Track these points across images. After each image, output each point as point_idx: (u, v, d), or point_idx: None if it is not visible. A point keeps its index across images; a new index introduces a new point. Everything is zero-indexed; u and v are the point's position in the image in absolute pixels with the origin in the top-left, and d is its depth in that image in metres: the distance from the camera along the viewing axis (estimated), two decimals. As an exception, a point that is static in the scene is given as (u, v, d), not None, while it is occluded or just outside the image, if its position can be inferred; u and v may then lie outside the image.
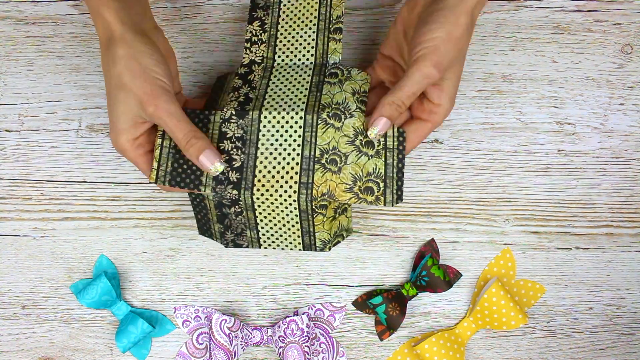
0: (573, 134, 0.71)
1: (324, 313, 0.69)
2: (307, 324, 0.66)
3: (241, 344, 0.66)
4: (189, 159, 0.58)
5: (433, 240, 0.70)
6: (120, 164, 0.70)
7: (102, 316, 0.69)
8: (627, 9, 0.71)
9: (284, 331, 0.66)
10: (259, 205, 0.60)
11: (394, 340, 0.70)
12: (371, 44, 0.71)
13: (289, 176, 0.60)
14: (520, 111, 0.70)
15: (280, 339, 0.66)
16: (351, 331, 0.70)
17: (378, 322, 0.69)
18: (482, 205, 0.70)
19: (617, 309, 0.71)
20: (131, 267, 0.69)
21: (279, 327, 0.66)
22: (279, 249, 0.64)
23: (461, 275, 0.70)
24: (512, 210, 0.70)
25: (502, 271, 0.70)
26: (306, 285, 0.70)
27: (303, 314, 0.67)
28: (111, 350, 0.69)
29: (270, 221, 0.62)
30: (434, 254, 0.69)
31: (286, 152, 0.60)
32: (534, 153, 0.70)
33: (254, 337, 0.67)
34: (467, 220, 0.70)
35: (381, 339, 0.69)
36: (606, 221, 0.71)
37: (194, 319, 0.69)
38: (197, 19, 0.70)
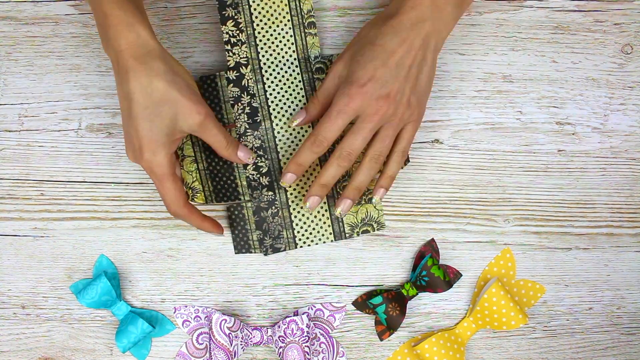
0: (573, 134, 0.71)
1: (324, 313, 0.69)
2: (307, 324, 0.66)
3: (241, 344, 0.66)
4: (227, 158, 0.64)
5: (433, 240, 0.70)
6: (121, 164, 0.70)
7: (102, 316, 0.69)
8: (627, 9, 0.71)
9: (284, 331, 0.66)
10: (292, 201, 0.68)
11: (394, 340, 0.70)
12: (371, 44, 0.71)
13: (312, 168, 0.68)
14: (520, 111, 0.70)
15: (280, 339, 0.66)
16: (351, 331, 0.70)
17: (378, 322, 0.69)
18: (482, 205, 0.70)
19: (617, 309, 0.71)
20: (131, 267, 0.69)
21: (279, 327, 0.66)
22: (313, 244, 0.69)
23: (461, 275, 0.70)
24: (512, 210, 0.70)
25: (502, 271, 0.70)
26: (306, 285, 0.70)
27: (303, 314, 0.67)
28: (111, 350, 0.69)
29: (303, 215, 0.68)
30: (434, 254, 0.69)
31: None
32: (534, 153, 0.70)
33: (254, 337, 0.67)
34: (467, 220, 0.70)
35: (381, 339, 0.69)
36: (606, 221, 0.71)
37: (194, 319, 0.69)
38: (197, 19, 0.70)
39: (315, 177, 0.68)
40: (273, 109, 0.67)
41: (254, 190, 0.67)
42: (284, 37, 0.67)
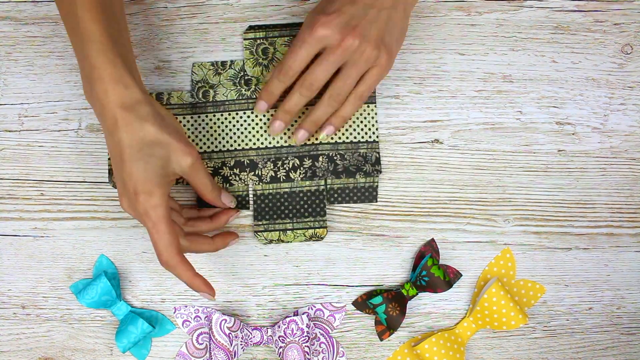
0: (573, 134, 0.71)
1: (324, 313, 0.69)
2: (307, 324, 0.66)
3: (241, 344, 0.66)
4: (211, 202, 0.66)
5: (433, 240, 0.70)
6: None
7: (102, 316, 0.69)
8: (627, 9, 0.71)
9: (284, 331, 0.66)
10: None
11: (394, 340, 0.70)
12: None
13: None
14: (520, 111, 0.70)
15: (280, 339, 0.66)
16: (351, 331, 0.70)
17: (378, 322, 0.69)
18: (482, 205, 0.70)
19: (617, 309, 0.71)
20: (131, 267, 0.69)
21: (279, 327, 0.66)
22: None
23: (461, 275, 0.70)
24: (512, 210, 0.70)
25: (502, 271, 0.70)
26: (306, 285, 0.70)
27: (303, 314, 0.68)
28: (111, 350, 0.69)
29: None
30: (434, 254, 0.69)
31: None
32: (534, 153, 0.70)
33: (254, 337, 0.67)
34: (467, 220, 0.70)
35: (381, 339, 0.69)
36: (606, 221, 0.71)
37: (194, 319, 0.69)
38: (197, 19, 0.70)
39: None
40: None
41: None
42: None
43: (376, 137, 0.69)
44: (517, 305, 0.67)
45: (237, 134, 0.69)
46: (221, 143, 0.69)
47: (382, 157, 0.70)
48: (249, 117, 0.69)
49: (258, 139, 0.69)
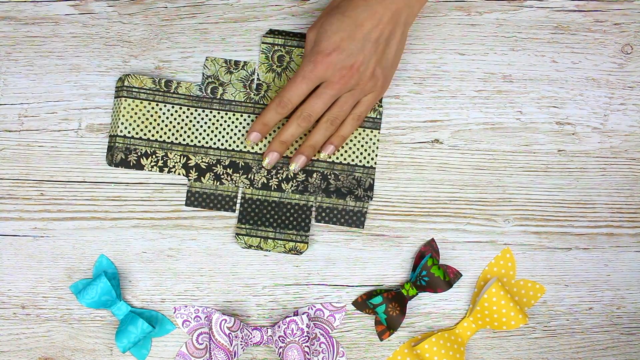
0: (573, 134, 0.71)
1: (324, 313, 0.69)
2: (307, 324, 0.66)
3: (241, 344, 0.66)
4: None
5: (433, 240, 0.70)
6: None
7: (102, 316, 0.69)
8: (627, 9, 0.71)
9: (284, 331, 0.66)
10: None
11: (394, 340, 0.70)
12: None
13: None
14: (520, 111, 0.70)
15: (280, 339, 0.66)
16: (351, 331, 0.70)
17: (378, 322, 0.69)
18: (482, 205, 0.70)
19: (617, 309, 0.71)
20: (131, 267, 0.69)
21: (279, 327, 0.66)
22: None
23: (461, 275, 0.70)
24: (512, 210, 0.70)
25: (502, 271, 0.70)
26: (306, 285, 0.70)
27: (303, 314, 0.68)
28: (111, 350, 0.69)
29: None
30: (434, 254, 0.69)
31: None
32: (534, 153, 0.70)
33: (254, 337, 0.67)
34: (467, 220, 0.70)
35: (381, 339, 0.69)
36: (606, 221, 0.71)
37: (194, 319, 0.69)
38: (197, 19, 0.70)
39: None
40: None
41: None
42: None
43: (374, 163, 0.69)
44: (517, 305, 0.67)
45: (237, 135, 0.69)
46: (220, 141, 0.69)
47: (382, 157, 0.70)
48: (252, 121, 0.69)
49: (257, 144, 0.69)
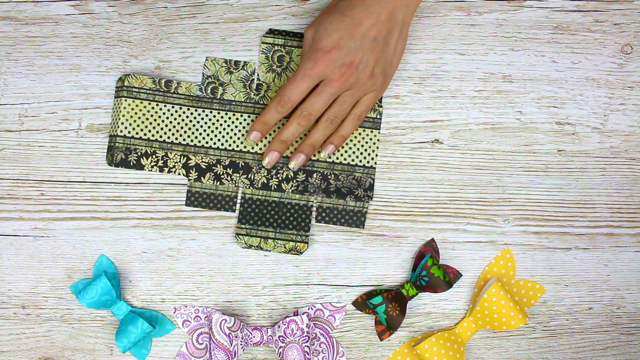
0: (573, 134, 0.71)
1: (324, 313, 0.69)
2: (307, 324, 0.66)
3: (241, 344, 0.66)
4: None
5: (433, 240, 0.70)
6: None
7: (102, 316, 0.69)
8: (627, 9, 0.71)
9: (284, 331, 0.66)
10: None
11: (394, 340, 0.70)
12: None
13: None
14: (520, 111, 0.70)
15: (280, 339, 0.66)
16: (351, 331, 0.70)
17: (378, 322, 0.69)
18: (482, 205, 0.70)
19: (617, 309, 0.71)
20: (131, 267, 0.69)
21: (279, 327, 0.66)
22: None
23: (461, 275, 0.70)
24: (512, 210, 0.70)
25: (502, 271, 0.70)
26: (306, 285, 0.70)
27: (303, 314, 0.68)
28: (111, 350, 0.69)
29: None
30: (434, 254, 0.69)
31: None
32: (534, 153, 0.70)
33: (254, 337, 0.67)
34: (467, 220, 0.70)
35: (381, 339, 0.69)
36: (606, 221, 0.71)
37: (194, 319, 0.69)
38: (197, 19, 0.70)
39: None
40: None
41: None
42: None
43: (374, 163, 0.69)
44: (517, 305, 0.67)
45: (237, 135, 0.69)
46: (220, 141, 0.69)
47: (382, 157, 0.70)
48: (252, 121, 0.69)
49: (257, 144, 0.69)
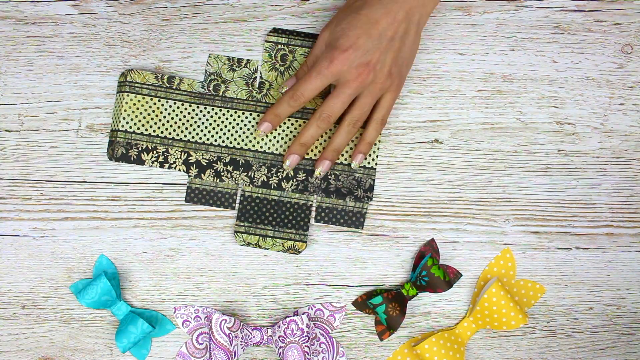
0: (573, 134, 0.71)
1: (324, 313, 0.69)
2: (307, 324, 0.66)
3: (241, 344, 0.66)
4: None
5: (433, 240, 0.70)
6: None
7: (102, 316, 0.69)
8: (627, 9, 0.71)
9: (284, 331, 0.66)
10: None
11: (394, 340, 0.70)
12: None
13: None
14: (520, 111, 0.70)
15: (280, 339, 0.66)
16: (351, 331, 0.70)
17: (378, 322, 0.69)
18: (482, 205, 0.70)
19: (617, 309, 0.71)
20: (131, 267, 0.69)
21: (279, 327, 0.66)
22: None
23: (461, 275, 0.70)
24: (512, 210, 0.70)
25: (502, 271, 0.70)
26: (306, 285, 0.70)
27: (303, 314, 0.68)
28: (111, 350, 0.69)
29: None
30: (434, 254, 0.69)
31: None
32: (534, 153, 0.70)
33: (254, 337, 0.67)
34: (467, 220, 0.70)
35: (381, 339, 0.69)
36: (606, 221, 0.71)
37: (194, 319, 0.69)
38: (197, 19, 0.70)
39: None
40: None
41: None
42: None
43: (374, 164, 0.69)
44: (517, 305, 0.67)
45: (238, 132, 0.69)
46: (221, 138, 0.69)
47: (382, 157, 0.70)
48: (254, 118, 0.69)
49: (258, 142, 0.69)
